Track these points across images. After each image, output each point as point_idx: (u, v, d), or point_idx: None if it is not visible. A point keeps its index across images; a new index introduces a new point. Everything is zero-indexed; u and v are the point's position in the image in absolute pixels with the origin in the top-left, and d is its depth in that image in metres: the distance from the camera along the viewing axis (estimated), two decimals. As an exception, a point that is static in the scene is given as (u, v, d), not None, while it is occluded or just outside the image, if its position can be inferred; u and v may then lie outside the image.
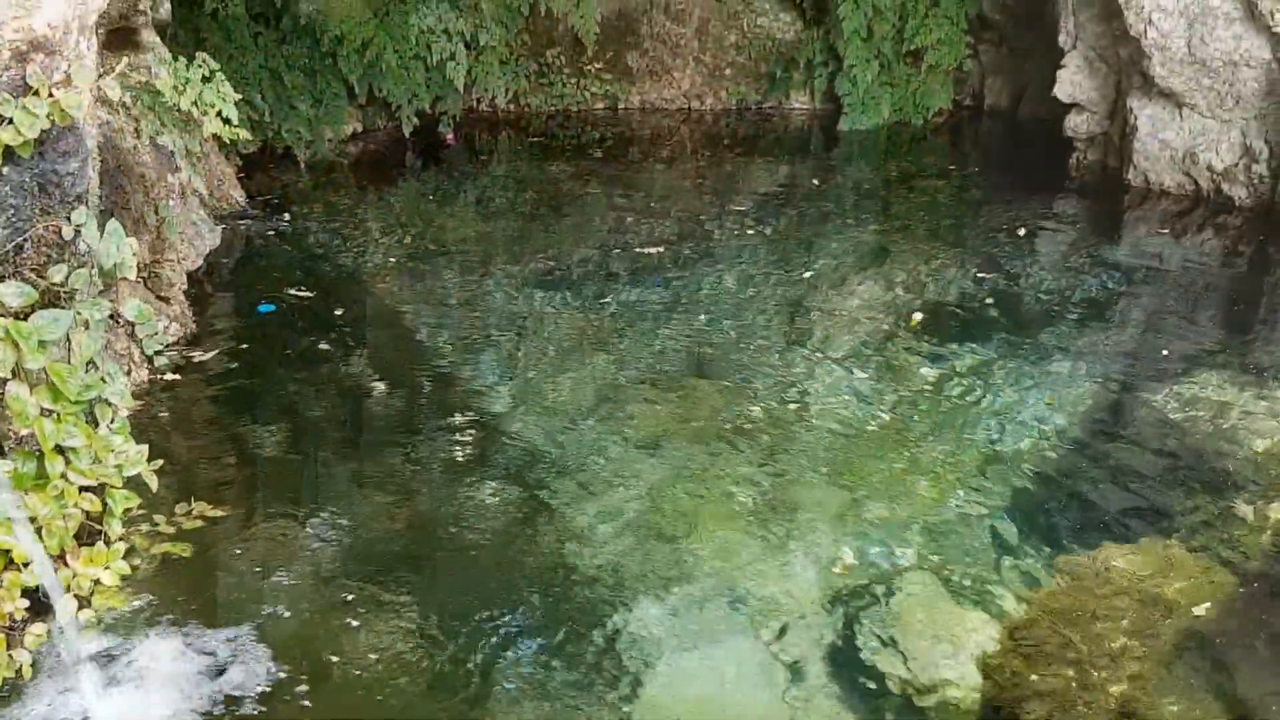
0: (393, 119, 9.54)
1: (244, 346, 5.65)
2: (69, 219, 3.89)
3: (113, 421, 3.81)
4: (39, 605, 3.47)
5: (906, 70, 10.37)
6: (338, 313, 6.14)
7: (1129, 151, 8.13)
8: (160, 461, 3.88)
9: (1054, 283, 6.71)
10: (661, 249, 7.23)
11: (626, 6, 10.68)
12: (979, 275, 6.82)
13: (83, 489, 3.62)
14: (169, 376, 5.22)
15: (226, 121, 5.24)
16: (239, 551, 4.00)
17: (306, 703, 3.30)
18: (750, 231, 7.68)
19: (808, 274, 6.90)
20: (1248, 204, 7.61)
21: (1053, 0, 8.79)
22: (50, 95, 3.56)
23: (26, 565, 3.39)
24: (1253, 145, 7.49)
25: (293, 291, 6.36)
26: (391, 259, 7.05)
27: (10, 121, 3.47)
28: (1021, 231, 7.56)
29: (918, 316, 6.15)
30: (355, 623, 3.64)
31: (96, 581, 3.67)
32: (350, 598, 3.77)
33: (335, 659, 3.48)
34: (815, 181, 9.12)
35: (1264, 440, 4.79)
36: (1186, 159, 7.83)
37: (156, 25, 6.09)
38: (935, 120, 10.47)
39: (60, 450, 3.56)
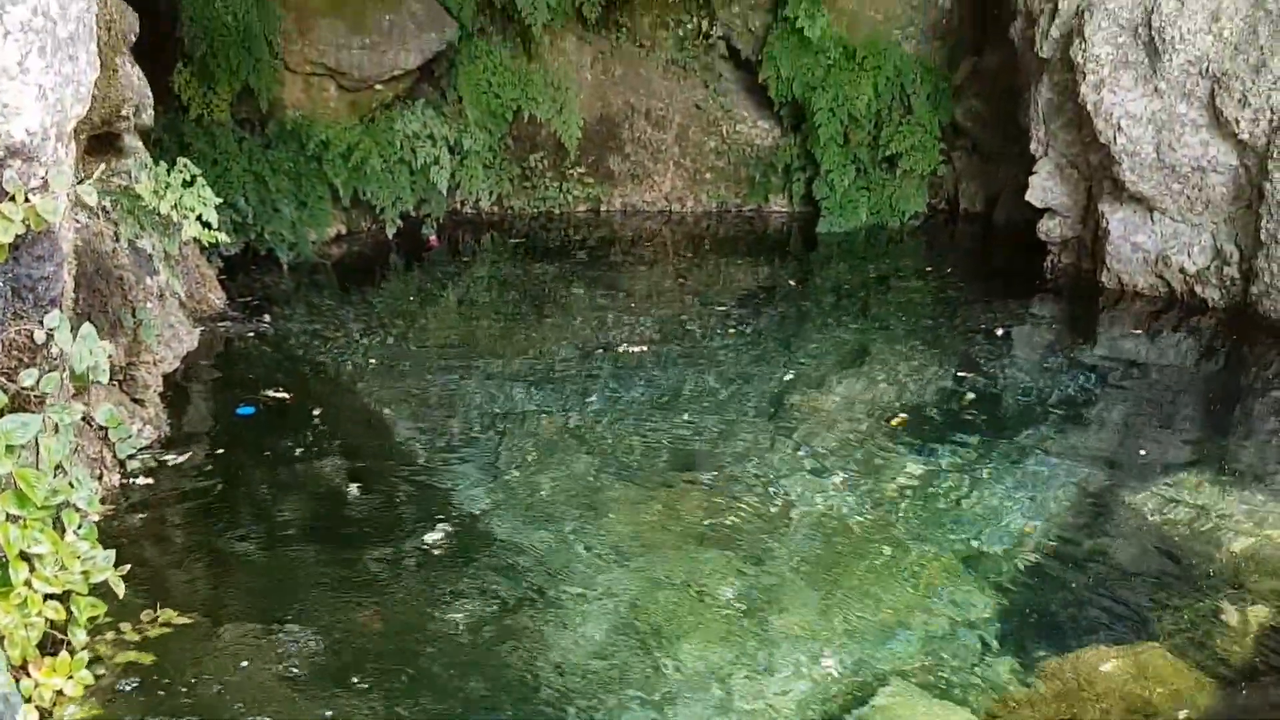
0: (376, 221, 9.63)
1: (219, 449, 5.60)
2: (41, 323, 3.89)
3: (80, 527, 3.75)
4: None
5: (882, 175, 10.58)
6: (316, 414, 6.10)
7: (1102, 254, 8.26)
8: (128, 567, 3.80)
9: (1032, 383, 6.74)
10: (644, 348, 7.26)
11: (609, 113, 10.92)
12: (958, 375, 6.85)
13: (47, 597, 3.54)
14: (141, 480, 5.15)
15: (206, 225, 5.27)
16: (206, 661, 3.89)
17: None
18: (731, 330, 7.72)
19: (789, 373, 6.92)
20: (1221, 306, 7.71)
21: (1023, 109, 9.01)
22: (27, 201, 3.58)
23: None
24: (1224, 248, 7.62)
25: (270, 393, 6.32)
26: (372, 360, 7.04)
27: (-14, 226, 3.49)
28: (999, 332, 7.63)
29: (900, 417, 6.15)
30: (322, 736, 3.54)
31: (59, 692, 3.56)
32: (323, 710, 3.66)
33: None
34: (793, 282, 9.22)
35: (1244, 542, 4.77)
36: (1159, 262, 7.95)
37: (139, 130, 6.17)
38: (911, 223, 10.63)
39: (25, 557, 3.48)
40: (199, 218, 5.18)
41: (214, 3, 8.48)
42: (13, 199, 3.53)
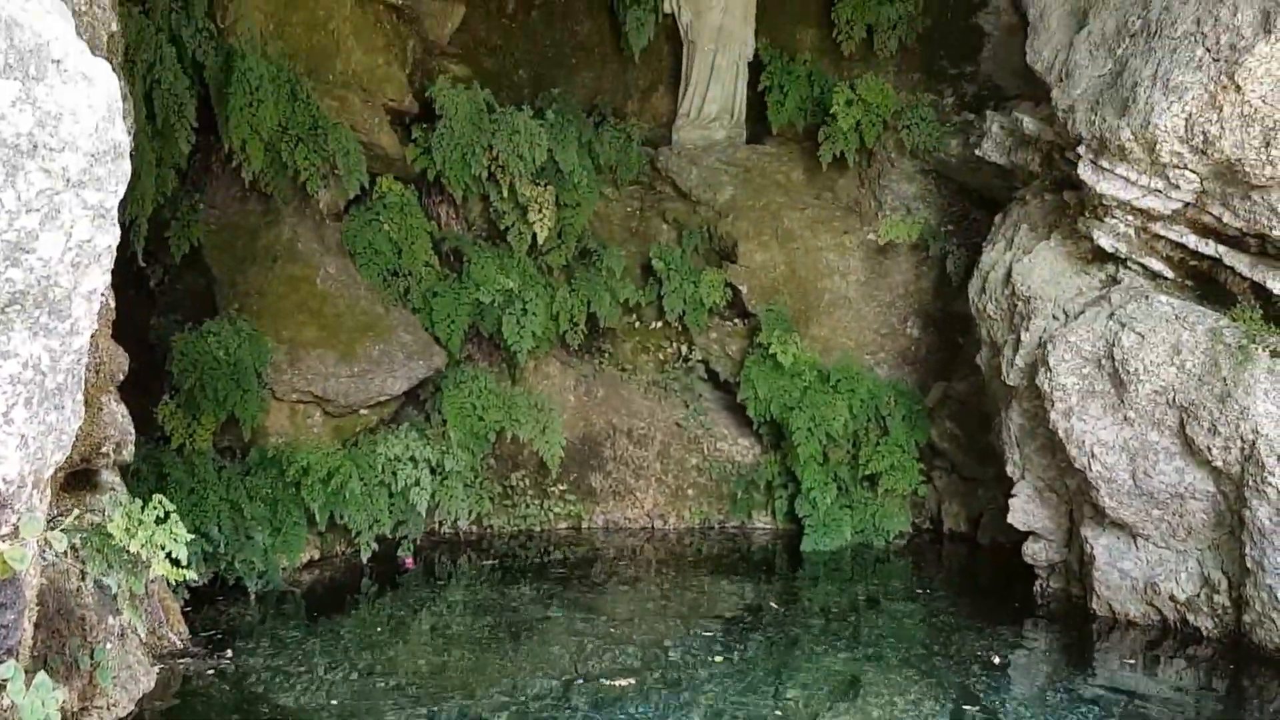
0: (351, 545, 9.47)
1: (165, 806, 5.19)
2: (-7, 676, 3.67)
3: None
4: None
5: (864, 494, 10.63)
6: (273, 762, 5.72)
7: (1090, 580, 8.12)
8: None
9: (1034, 720, 6.45)
10: (626, 681, 6.94)
11: (591, 432, 11.08)
12: (958, 708, 6.55)
13: None
14: (76, 845, 4.74)
15: (175, 563, 5.15)
16: None
17: None
18: (718, 658, 7.43)
19: (778, 708, 6.60)
20: (1215, 635, 7.50)
21: (996, 432, 9.16)
22: (-7, 550, 3.47)
23: None
24: (1211, 575, 7.51)
25: (225, 738, 5.96)
26: (334, 699, 6.66)
27: (-56, 581, 3.36)
28: (996, 660, 7.38)
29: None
30: None
31: None
32: None
33: None
34: (775, 605, 8.98)
35: None
36: (1148, 589, 7.81)
37: (118, 466, 6.14)
38: (897, 542, 10.57)
39: None
40: (168, 555, 5.07)
41: (206, 338, 8.73)
42: (-23, 549, 3.43)
